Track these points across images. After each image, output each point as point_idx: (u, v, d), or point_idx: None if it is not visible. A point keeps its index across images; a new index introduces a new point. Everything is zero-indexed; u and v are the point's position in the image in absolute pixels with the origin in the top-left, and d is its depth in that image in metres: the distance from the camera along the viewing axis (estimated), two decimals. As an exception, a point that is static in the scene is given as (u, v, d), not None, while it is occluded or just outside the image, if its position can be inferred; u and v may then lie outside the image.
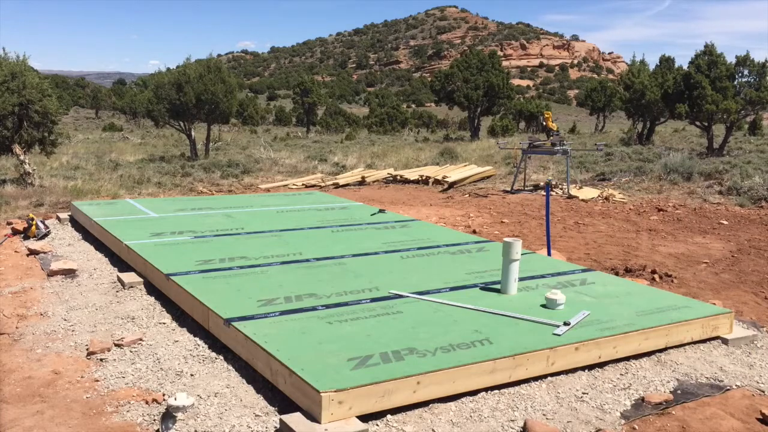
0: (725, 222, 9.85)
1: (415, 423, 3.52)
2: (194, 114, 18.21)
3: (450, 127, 48.51)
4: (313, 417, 3.40)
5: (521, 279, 5.36)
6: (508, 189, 13.33)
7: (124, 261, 6.76)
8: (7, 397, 3.81)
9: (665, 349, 4.56)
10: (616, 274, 6.67)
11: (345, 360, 3.82)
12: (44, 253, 7.24)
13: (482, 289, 5.35)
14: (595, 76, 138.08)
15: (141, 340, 4.66)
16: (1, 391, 3.86)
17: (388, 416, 3.56)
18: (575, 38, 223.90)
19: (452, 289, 5.33)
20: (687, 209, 10.93)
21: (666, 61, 24.67)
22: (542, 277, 5.78)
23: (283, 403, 3.70)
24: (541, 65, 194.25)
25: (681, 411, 3.76)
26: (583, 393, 3.92)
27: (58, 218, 9.28)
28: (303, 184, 13.98)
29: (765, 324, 5.32)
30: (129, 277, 6.12)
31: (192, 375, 4.10)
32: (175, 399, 3.40)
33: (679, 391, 3.99)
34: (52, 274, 6.33)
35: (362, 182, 14.43)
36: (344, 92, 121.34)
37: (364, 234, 7.61)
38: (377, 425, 3.49)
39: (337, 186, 13.92)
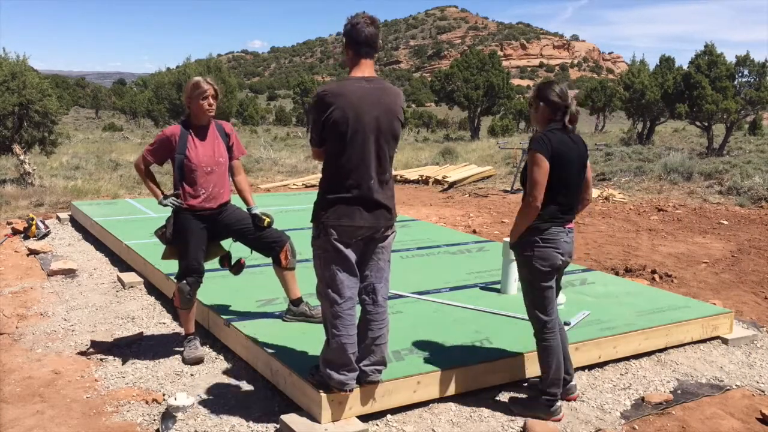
0: (725, 222, 9.85)
1: (415, 423, 3.52)
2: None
3: (450, 127, 48.52)
4: (313, 417, 3.39)
5: (521, 279, 5.36)
6: (508, 189, 13.33)
7: (124, 261, 6.77)
8: (7, 397, 3.80)
9: (665, 349, 4.56)
10: (616, 274, 6.67)
11: (345, 360, 3.81)
12: (44, 253, 7.24)
13: (482, 289, 5.35)
14: (595, 76, 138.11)
15: (141, 340, 4.66)
16: (1, 391, 3.86)
17: (388, 416, 3.56)
18: (575, 38, 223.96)
19: (452, 289, 5.33)
20: (687, 209, 10.93)
21: (666, 61, 24.69)
22: (542, 277, 5.77)
23: (282, 403, 3.70)
24: (541, 65, 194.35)
25: (681, 411, 3.76)
26: (583, 393, 3.92)
27: (58, 218, 9.28)
28: (303, 184, 13.98)
29: (765, 324, 5.32)
30: (129, 277, 6.12)
31: (192, 375, 4.10)
32: (175, 399, 3.39)
33: (679, 391, 3.99)
34: (52, 274, 6.33)
35: (362, 182, 14.41)
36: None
37: (364, 234, 7.59)
38: (377, 425, 3.49)
39: (337, 186, 13.90)
